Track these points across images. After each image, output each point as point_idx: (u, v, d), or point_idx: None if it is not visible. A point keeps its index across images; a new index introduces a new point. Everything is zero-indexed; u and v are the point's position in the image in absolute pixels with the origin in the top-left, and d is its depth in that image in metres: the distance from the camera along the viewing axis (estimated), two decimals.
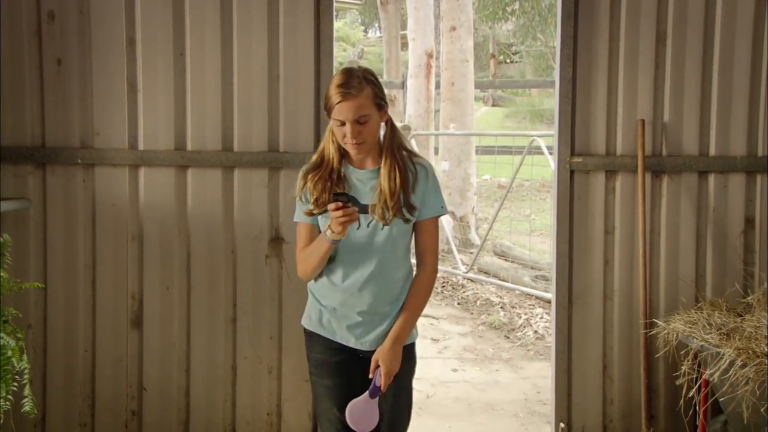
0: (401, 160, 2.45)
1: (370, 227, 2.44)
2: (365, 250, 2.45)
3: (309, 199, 2.47)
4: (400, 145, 2.47)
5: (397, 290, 2.50)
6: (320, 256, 2.44)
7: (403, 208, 2.42)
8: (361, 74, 2.40)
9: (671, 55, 3.50)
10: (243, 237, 3.55)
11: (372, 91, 2.38)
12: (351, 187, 2.46)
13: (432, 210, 2.49)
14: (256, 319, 3.58)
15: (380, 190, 2.42)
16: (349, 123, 2.35)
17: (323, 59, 3.48)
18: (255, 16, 3.48)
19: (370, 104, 2.37)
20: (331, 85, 2.39)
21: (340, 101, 2.34)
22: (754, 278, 3.45)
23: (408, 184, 2.44)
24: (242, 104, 3.51)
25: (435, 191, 2.49)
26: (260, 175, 3.53)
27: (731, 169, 3.51)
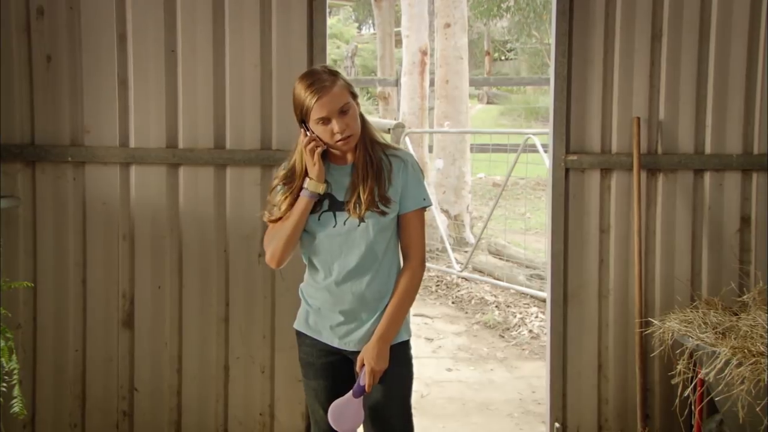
0: (373, 153, 2.42)
1: (347, 224, 2.40)
2: (344, 247, 2.41)
3: (277, 204, 2.45)
4: (372, 138, 2.44)
5: (382, 287, 2.45)
6: (295, 221, 2.39)
7: (378, 202, 2.38)
8: (324, 69, 2.39)
9: (667, 52, 3.51)
10: (235, 236, 3.55)
11: (342, 80, 2.36)
12: (329, 184, 2.43)
13: (413, 202, 2.44)
14: (249, 319, 3.58)
15: (354, 184, 2.40)
16: (334, 116, 2.31)
17: (316, 56, 3.48)
18: (247, 12, 3.47)
19: (346, 93, 2.35)
20: (300, 89, 2.35)
21: (319, 97, 2.30)
22: (749, 277, 3.47)
23: (382, 176, 2.40)
24: (234, 102, 3.50)
25: (416, 183, 2.44)
26: (253, 173, 3.52)
27: (727, 167, 3.52)
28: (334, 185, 2.42)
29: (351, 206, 2.39)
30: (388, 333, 2.42)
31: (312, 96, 2.30)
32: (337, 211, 2.41)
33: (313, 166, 2.36)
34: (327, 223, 2.41)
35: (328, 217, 2.42)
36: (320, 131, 2.34)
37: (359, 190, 2.38)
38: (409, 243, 2.46)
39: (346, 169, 2.44)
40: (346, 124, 2.33)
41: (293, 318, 3.53)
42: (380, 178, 2.39)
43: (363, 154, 2.40)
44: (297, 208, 2.39)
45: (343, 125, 2.32)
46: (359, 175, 2.39)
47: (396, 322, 2.44)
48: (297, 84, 2.37)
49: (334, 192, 2.42)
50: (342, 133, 2.32)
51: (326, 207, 2.42)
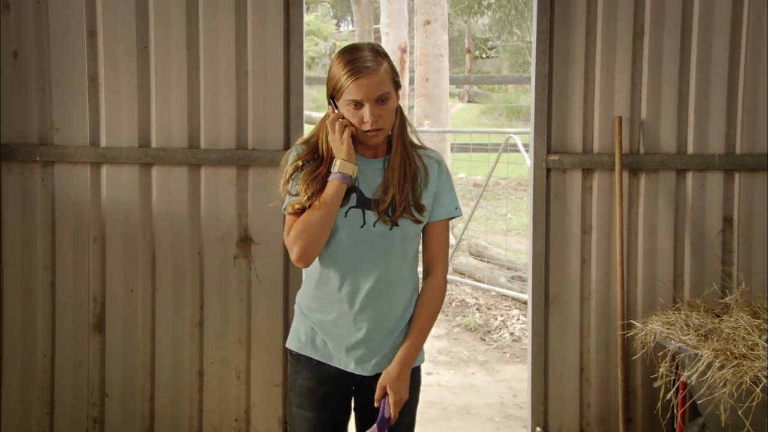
0: (411, 153, 2.21)
1: (377, 227, 2.16)
2: (369, 254, 2.17)
3: (299, 192, 2.15)
4: (409, 137, 2.24)
5: (405, 303, 2.22)
6: (329, 208, 2.11)
7: (411, 207, 2.17)
8: (374, 47, 2.15)
9: (648, 50, 3.53)
10: (210, 237, 3.53)
11: (389, 65, 2.14)
12: (355, 177, 2.16)
13: (445, 210, 2.24)
14: (224, 322, 3.56)
15: (387, 185, 2.16)
16: (369, 103, 2.08)
17: (293, 54, 3.47)
18: (222, 8, 3.45)
19: (389, 81, 2.11)
20: (340, 62, 2.11)
21: (358, 77, 2.06)
22: (732, 278, 3.50)
23: (418, 179, 2.20)
24: (209, 100, 3.48)
25: (449, 189, 2.25)
26: (228, 174, 3.50)
27: (709, 167, 3.55)
28: (362, 179, 2.18)
29: (383, 208, 2.15)
30: (411, 357, 2.21)
31: (350, 74, 2.08)
32: (366, 210, 2.17)
33: (341, 145, 2.12)
34: (354, 221, 2.16)
35: (356, 215, 2.16)
36: (349, 113, 2.12)
37: (394, 192, 2.15)
38: (435, 255, 2.25)
39: (377, 164, 2.21)
40: (380, 115, 2.10)
41: (270, 321, 3.55)
42: (415, 181, 2.19)
43: (400, 152, 2.19)
44: (328, 194, 2.11)
45: (376, 116, 2.09)
46: (395, 176, 2.16)
47: (420, 343, 2.23)
48: (336, 57, 2.14)
49: (362, 187, 2.18)
50: (373, 123, 2.10)
51: (354, 202, 2.17)
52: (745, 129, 3.54)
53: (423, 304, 2.24)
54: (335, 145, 2.14)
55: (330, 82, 2.14)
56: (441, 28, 8.95)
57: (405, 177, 2.17)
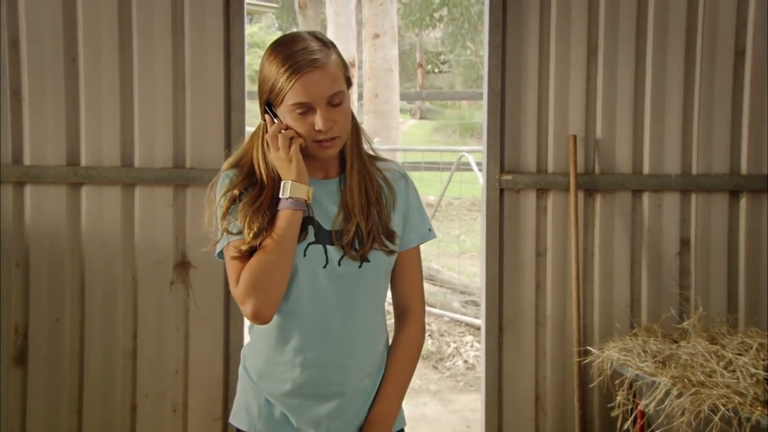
0: (370, 167, 1.92)
1: (343, 265, 1.84)
2: (336, 300, 1.84)
3: (241, 229, 1.80)
4: (365, 150, 1.95)
5: (379, 353, 1.93)
6: (286, 244, 1.77)
7: (381, 235, 1.87)
8: (316, 35, 1.84)
9: (603, 66, 3.60)
10: (145, 261, 3.47)
11: (339, 56, 1.83)
12: (310, 202, 1.84)
13: (417, 234, 1.96)
14: (159, 352, 3.49)
15: (348, 211, 1.85)
16: (321, 106, 1.76)
17: (234, 67, 3.45)
18: (157, 18, 3.42)
19: (341, 76, 1.80)
20: (276, 58, 1.78)
21: (303, 74, 1.74)
22: (689, 303, 3.56)
23: (383, 199, 1.90)
24: (144, 116, 3.44)
25: (418, 208, 1.98)
26: (164, 194, 3.46)
27: (665, 187, 3.62)
28: (316, 207, 1.86)
29: (347, 240, 1.83)
30: (390, 417, 1.94)
31: (292, 71, 1.74)
32: (328, 245, 1.83)
33: (289, 163, 1.79)
34: (315, 260, 1.82)
35: (317, 253, 1.83)
36: (294, 122, 1.79)
37: (357, 219, 1.84)
38: (410, 290, 1.97)
39: (330, 185, 1.90)
40: (335, 120, 1.78)
41: (209, 350, 3.50)
42: (381, 202, 1.90)
43: (358, 168, 1.89)
44: (282, 227, 1.77)
45: (331, 121, 1.77)
46: (355, 198, 1.86)
47: (399, 400, 1.96)
48: (270, 53, 1.80)
49: (317, 217, 1.86)
50: (327, 131, 1.78)
51: (313, 237, 1.84)
52: (701, 149, 3.62)
53: (401, 352, 1.94)
54: (281, 163, 1.79)
55: (264, 85, 1.81)
56: (391, 41, 9.01)
57: (368, 198, 1.87)
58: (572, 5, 3.56)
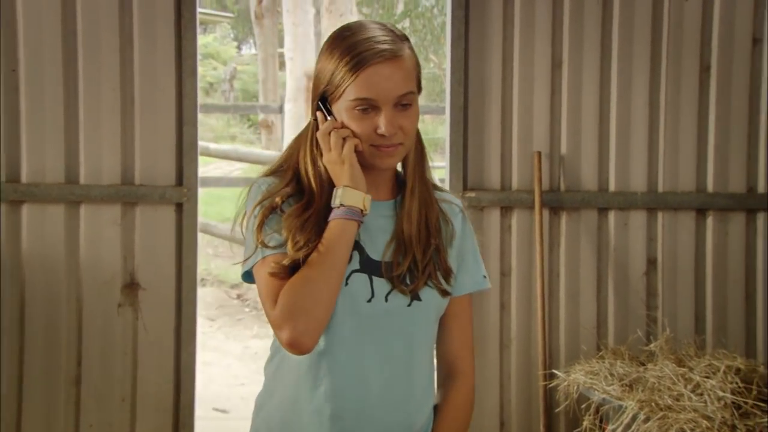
0: (432, 194, 1.70)
1: (391, 300, 1.60)
2: (379, 339, 1.61)
3: (282, 241, 1.57)
4: (429, 173, 1.72)
5: (426, 414, 1.68)
6: (338, 259, 1.54)
7: (438, 272, 1.65)
8: (386, 26, 1.62)
9: (568, 81, 3.63)
10: (90, 283, 3.42)
11: (413, 54, 1.63)
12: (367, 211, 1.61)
13: (472, 280, 1.73)
14: (105, 379, 3.43)
15: (404, 240, 1.62)
16: (388, 106, 1.55)
17: (186, 80, 3.43)
18: (104, 26, 3.38)
19: (414, 76, 1.60)
20: (338, 47, 1.57)
21: (371, 64, 1.53)
22: (657, 324, 3.60)
23: (442, 232, 1.68)
24: (90, 129, 3.39)
25: (474, 250, 1.75)
26: (112, 212, 3.41)
27: (632, 205, 3.66)
28: (364, 232, 1.62)
29: (398, 273, 1.61)
30: None
31: (357, 61, 1.53)
32: (374, 276, 1.61)
33: (342, 165, 1.57)
34: (358, 292, 1.59)
35: (361, 284, 1.60)
36: (353, 121, 1.57)
37: (414, 251, 1.62)
38: (461, 345, 1.73)
39: (383, 208, 1.66)
40: (401, 125, 1.57)
41: (159, 376, 3.44)
42: (440, 235, 1.68)
43: (420, 192, 1.66)
44: (332, 238, 1.55)
45: (396, 125, 1.56)
46: (413, 226, 1.63)
47: None
48: (331, 41, 1.61)
49: (364, 243, 1.62)
50: (392, 136, 1.56)
51: (357, 264, 1.61)
52: (667, 166, 3.67)
53: (449, 421, 1.69)
54: (332, 166, 1.58)
55: (320, 77, 1.60)
56: None
57: (428, 228, 1.65)
58: (536, 19, 3.60)
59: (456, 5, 3.57)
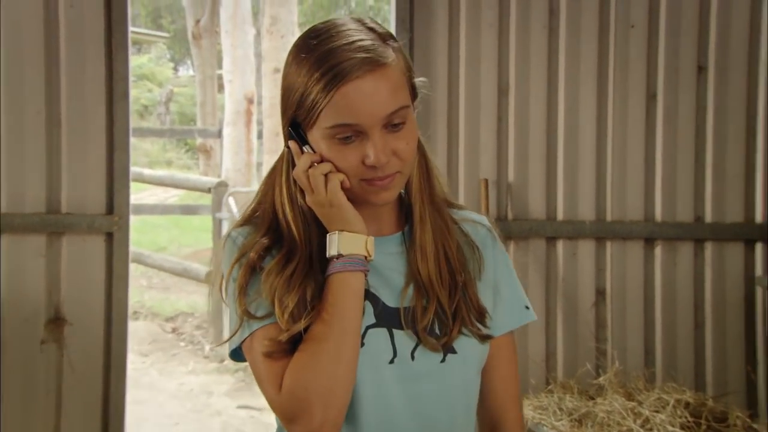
0: (448, 216, 1.46)
1: (419, 358, 1.37)
2: (409, 409, 1.37)
3: (272, 310, 1.32)
4: (440, 190, 1.47)
5: None
6: (346, 326, 1.31)
7: (471, 313, 1.40)
8: (365, 23, 1.36)
9: (514, 108, 3.69)
10: (11, 318, 3.35)
11: (401, 56, 1.36)
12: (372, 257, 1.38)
13: (512, 315, 1.50)
14: (27, 420, 3.36)
15: (421, 280, 1.39)
16: (375, 129, 1.29)
17: (117, 103, 3.40)
18: (28, 46, 3.34)
19: (404, 85, 1.34)
20: (308, 57, 1.31)
21: (352, 79, 1.27)
22: (606, 356, 3.65)
23: (468, 263, 1.44)
24: (12, 154, 3.34)
25: (510, 276, 1.51)
26: (35, 242, 3.36)
27: (580, 235, 3.72)
28: (373, 276, 1.38)
29: (425, 324, 1.37)
30: None
31: (331, 77, 1.28)
32: (395, 330, 1.37)
33: (331, 208, 1.33)
34: (378, 352, 1.36)
35: (380, 341, 1.36)
36: (333, 153, 1.32)
37: (438, 294, 1.38)
38: (506, 393, 1.50)
39: (388, 244, 1.43)
40: (395, 149, 1.32)
41: (86, 417, 3.38)
42: (464, 264, 1.44)
43: (431, 216, 1.42)
44: (337, 301, 1.31)
45: (388, 152, 1.31)
46: (429, 262, 1.39)
47: None
48: (298, 47, 1.35)
49: (378, 290, 1.39)
50: (383, 167, 1.31)
51: (373, 318, 1.37)
52: (615, 194, 3.74)
53: None
54: (320, 210, 1.35)
55: (288, 97, 1.34)
56: None
57: (449, 262, 1.41)
58: (481, 45, 3.66)
59: (400, 29, 3.60)
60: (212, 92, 13.68)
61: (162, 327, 7.91)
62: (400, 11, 3.60)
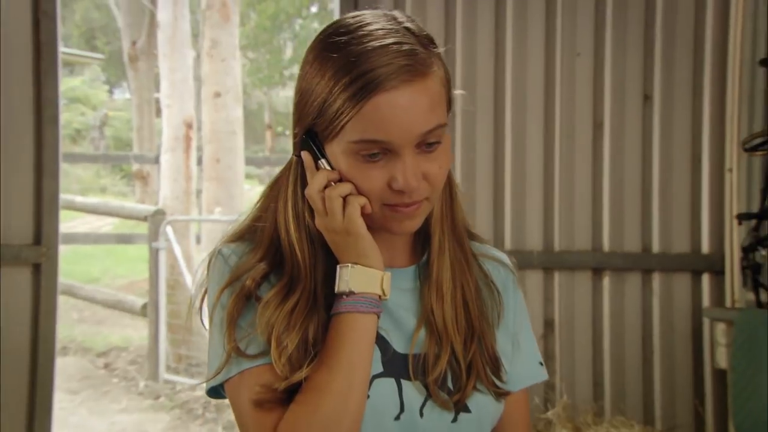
0: (468, 249, 1.32)
1: (427, 416, 1.22)
2: None
3: (258, 344, 1.18)
4: (462, 220, 1.33)
5: None
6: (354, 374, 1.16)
7: (487, 367, 1.26)
8: (398, 19, 1.20)
9: (460, 137, 3.73)
10: None
11: (442, 66, 1.22)
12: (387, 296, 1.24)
13: (529, 369, 1.36)
14: None
15: (435, 324, 1.25)
16: (407, 149, 1.15)
17: (46, 128, 3.35)
18: None
19: (443, 103, 1.20)
20: (336, 56, 1.15)
21: (387, 90, 1.12)
22: (554, 390, 3.67)
23: (486, 306, 1.31)
24: None
25: (527, 327, 1.39)
26: None
27: (528, 265, 3.75)
28: (383, 316, 1.23)
29: (436, 376, 1.23)
30: None
31: (360, 86, 1.13)
32: (403, 380, 1.23)
33: (347, 236, 1.19)
34: (383, 406, 1.21)
35: (386, 393, 1.22)
36: (356, 171, 1.18)
37: (452, 341, 1.24)
38: None
39: (400, 279, 1.28)
40: (428, 173, 1.18)
41: None
42: (482, 312, 1.30)
43: (451, 249, 1.28)
44: (345, 346, 1.17)
45: (419, 176, 1.17)
46: (446, 303, 1.25)
47: None
48: (320, 47, 1.19)
49: (387, 333, 1.25)
50: (412, 192, 1.17)
51: (380, 367, 1.22)
52: (563, 224, 3.79)
53: None
54: (333, 236, 1.20)
55: (306, 103, 1.20)
56: (234, 101, 8.99)
57: (466, 305, 1.27)
58: None
59: None
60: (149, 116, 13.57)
61: (93, 363, 7.76)
62: None
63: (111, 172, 16.25)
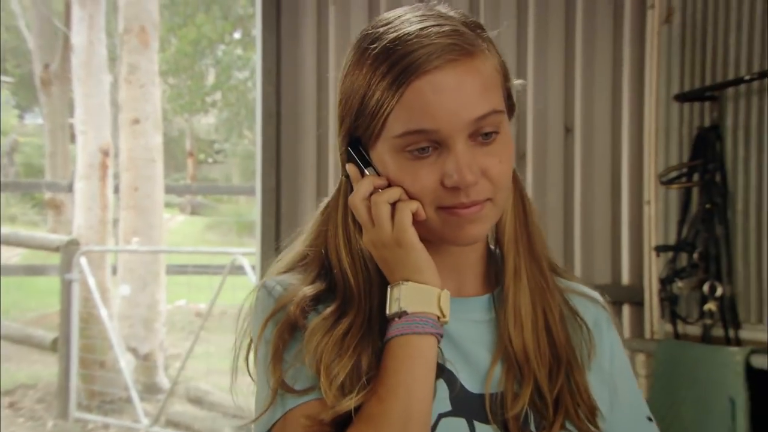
0: (550, 276, 1.20)
1: None
2: None
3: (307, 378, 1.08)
4: (541, 242, 1.21)
5: None
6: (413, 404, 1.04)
7: (579, 408, 1.13)
8: (453, 14, 1.10)
9: None
10: None
11: (495, 52, 1.11)
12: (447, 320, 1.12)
13: (632, 422, 1.22)
14: None
15: (514, 354, 1.13)
16: (459, 137, 1.05)
17: None
18: None
19: (498, 87, 1.09)
20: (374, 47, 1.07)
21: (429, 71, 1.03)
22: None
23: (575, 342, 1.18)
24: None
25: (630, 373, 1.26)
26: None
27: None
28: (449, 349, 1.13)
29: (515, 413, 1.10)
30: None
31: (399, 70, 1.04)
32: (477, 422, 1.10)
33: (398, 248, 1.08)
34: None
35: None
36: (403, 171, 1.08)
37: (535, 373, 1.12)
38: None
39: (471, 309, 1.17)
40: (485, 166, 1.07)
41: None
42: (570, 346, 1.17)
43: (529, 271, 1.17)
44: (400, 373, 1.05)
45: (476, 169, 1.06)
46: (527, 333, 1.13)
47: None
48: (360, 41, 1.12)
49: (456, 369, 1.13)
50: (470, 187, 1.06)
51: (448, 405, 1.11)
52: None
53: None
54: (381, 251, 1.10)
55: (346, 105, 1.12)
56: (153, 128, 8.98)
57: (551, 333, 1.15)
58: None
59: (266, 80, 3.66)
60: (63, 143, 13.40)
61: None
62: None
63: (21, 201, 15.96)
